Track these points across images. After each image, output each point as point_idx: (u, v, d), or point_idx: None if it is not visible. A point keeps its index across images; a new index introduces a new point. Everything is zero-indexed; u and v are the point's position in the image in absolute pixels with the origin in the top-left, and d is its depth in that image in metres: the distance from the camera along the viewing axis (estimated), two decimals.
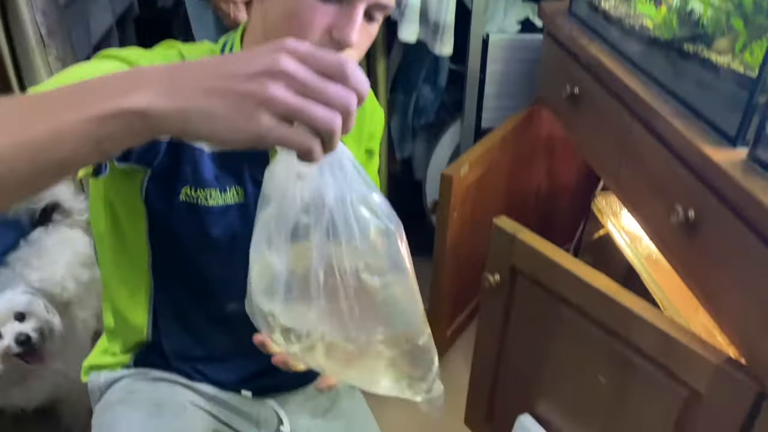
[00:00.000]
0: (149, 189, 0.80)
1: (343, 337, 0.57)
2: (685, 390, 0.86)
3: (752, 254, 0.78)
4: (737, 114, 0.86)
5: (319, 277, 0.56)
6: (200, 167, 0.80)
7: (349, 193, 0.54)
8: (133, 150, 0.73)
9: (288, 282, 0.57)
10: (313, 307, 0.56)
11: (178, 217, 0.82)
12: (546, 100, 1.52)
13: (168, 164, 0.78)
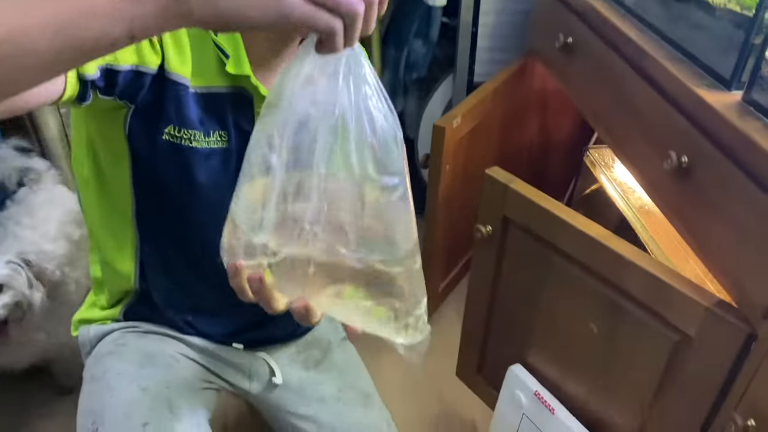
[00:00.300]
0: (132, 127, 0.78)
1: (338, 256, 0.56)
2: (675, 334, 0.87)
3: (745, 197, 0.78)
4: (732, 56, 0.85)
5: (321, 180, 0.54)
6: (184, 107, 0.78)
7: (363, 96, 0.53)
8: (117, 83, 0.71)
9: (283, 191, 0.55)
10: (311, 217, 0.55)
11: (161, 157, 0.80)
12: (538, 52, 1.49)
13: (151, 101, 0.77)
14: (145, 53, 0.72)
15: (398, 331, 0.60)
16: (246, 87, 0.81)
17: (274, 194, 0.56)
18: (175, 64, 0.76)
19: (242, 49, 0.79)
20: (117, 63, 0.70)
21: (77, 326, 1.07)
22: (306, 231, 0.56)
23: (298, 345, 1.15)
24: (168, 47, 0.75)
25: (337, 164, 0.55)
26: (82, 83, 0.67)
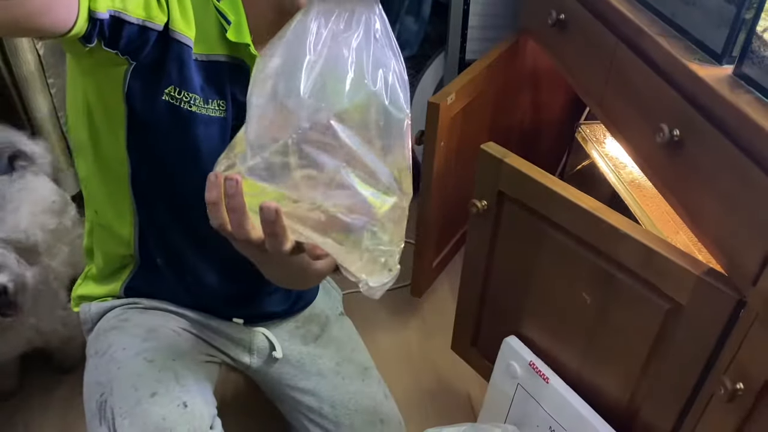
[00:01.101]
0: (131, 85, 0.78)
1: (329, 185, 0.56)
2: (667, 302, 0.89)
3: (736, 168, 0.80)
4: (723, 31, 0.86)
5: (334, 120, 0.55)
6: (187, 68, 0.78)
7: (373, 40, 0.54)
8: (122, 35, 0.71)
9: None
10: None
11: (159, 119, 0.80)
12: (530, 29, 1.50)
13: (154, 59, 0.77)
14: (152, 9, 0.73)
15: (372, 270, 0.61)
16: (245, 58, 0.82)
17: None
18: (180, 24, 0.76)
19: (243, 17, 0.79)
20: (126, 12, 0.70)
21: (77, 302, 1.08)
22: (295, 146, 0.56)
23: (296, 320, 1.17)
24: (174, 7, 0.75)
25: (346, 96, 0.55)
26: (91, 21, 0.67)
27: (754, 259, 0.77)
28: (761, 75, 0.79)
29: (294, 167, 0.56)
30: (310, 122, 0.55)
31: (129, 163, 0.86)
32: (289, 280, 0.86)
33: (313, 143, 0.56)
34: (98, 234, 1.00)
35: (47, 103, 1.81)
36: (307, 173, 0.56)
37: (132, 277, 1.02)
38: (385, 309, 1.74)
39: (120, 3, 0.70)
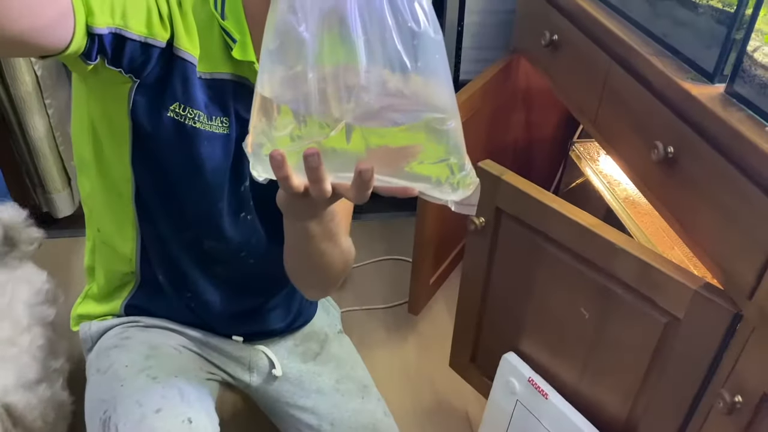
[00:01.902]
0: (137, 101, 0.79)
1: (396, 121, 0.55)
2: (664, 316, 0.91)
3: (730, 183, 0.82)
4: (715, 50, 0.89)
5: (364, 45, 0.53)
6: (191, 85, 0.79)
7: None
8: (124, 53, 0.72)
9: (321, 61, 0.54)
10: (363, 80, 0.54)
11: (164, 135, 0.81)
12: (524, 49, 1.53)
13: (158, 76, 0.78)
14: (155, 26, 0.74)
15: (454, 189, 0.60)
16: (249, 76, 0.83)
17: (312, 66, 0.54)
18: (185, 42, 0.77)
19: (248, 36, 0.80)
20: (127, 29, 0.71)
21: (77, 321, 1.08)
22: (355, 96, 0.54)
23: (295, 338, 1.17)
24: (177, 25, 0.76)
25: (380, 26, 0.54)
26: (90, 37, 0.67)
27: (750, 273, 0.79)
28: (752, 93, 0.81)
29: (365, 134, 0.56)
30: (368, 84, 0.54)
31: (133, 179, 0.87)
32: (324, 263, 0.85)
33: (373, 104, 0.54)
34: (100, 251, 1.00)
35: (44, 123, 1.82)
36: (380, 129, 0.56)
37: (132, 295, 1.02)
38: (383, 326, 1.74)
39: (120, 20, 0.71)
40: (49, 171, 1.90)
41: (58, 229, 2.04)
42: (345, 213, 0.93)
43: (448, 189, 0.60)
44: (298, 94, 0.55)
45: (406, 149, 0.58)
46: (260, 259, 0.98)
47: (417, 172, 0.59)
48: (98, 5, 0.67)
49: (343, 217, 0.90)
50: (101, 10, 0.68)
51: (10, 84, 1.72)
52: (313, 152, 0.56)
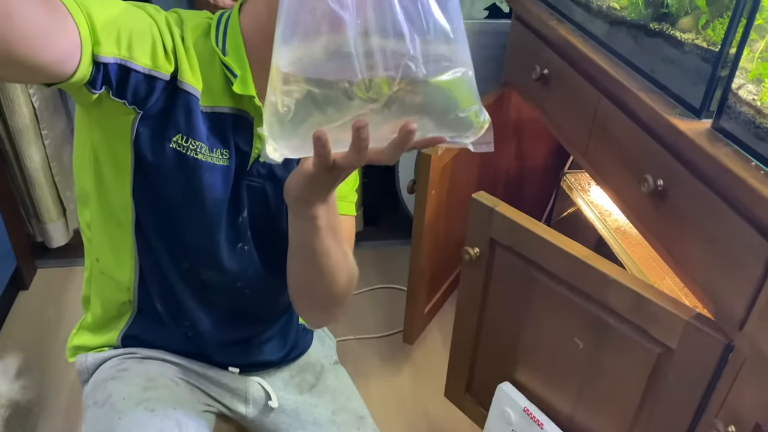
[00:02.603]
0: (140, 132, 0.80)
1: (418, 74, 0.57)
2: (657, 347, 0.92)
3: (718, 215, 0.84)
4: (701, 87, 0.92)
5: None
6: (194, 117, 0.81)
7: None
8: (129, 84, 0.74)
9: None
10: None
11: (165, 166, 0.82)
12: (515, 83, 1.57)
13: (161, 108, 0.79)
14: (159, 59, 0.76)
15: (474, 132, 0.63)
16: (249, 110, 0.85)
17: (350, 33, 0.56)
18: (188, 76, 0.79)
19: (249, 71, 0.82)
20: (132, 61, 0.73)
21: (73, 353, 1.08)
22: (403, 66, 0.57)
23: (291, 369, 1.17)
24: (182, 59, 0.78)
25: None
26: (95, 66, 0.69)
27: (740, 304, 0.81)
28: (738, 129, 0.84)
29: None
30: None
31: (133, 208, 0.88)
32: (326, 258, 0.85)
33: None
34: (97, 281, 1.01)
35: (40, 154, 1.84)
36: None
37: (130, 326, 1.03)
38: (378, 356, 1.74)
39: (126, 51, 0.72)
40: (44, 200, 1.91)
41: (52, 258, 2.04)
42: (348, 232, 0.94)
43: (470, 134, 0.64)
44: (342, 69, 0.57)
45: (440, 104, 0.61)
46: (256, 290, 0.99)
47: (448, 122, 0.62)
48: (104, 35, 0.70)
49: (346, 236, 0.91)
50: (107, 40, 0.70)
51: (8, 116, 1.73)
52: (364, 124, 0.58)
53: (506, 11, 1.89)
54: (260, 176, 0.88)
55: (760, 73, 0.85)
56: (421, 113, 0.60)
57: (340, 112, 0.59)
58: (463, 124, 0.62)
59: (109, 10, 0.72)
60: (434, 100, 0.60)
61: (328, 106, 0.59)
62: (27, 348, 1.74)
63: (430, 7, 0.57)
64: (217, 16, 0.83)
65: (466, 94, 0.61)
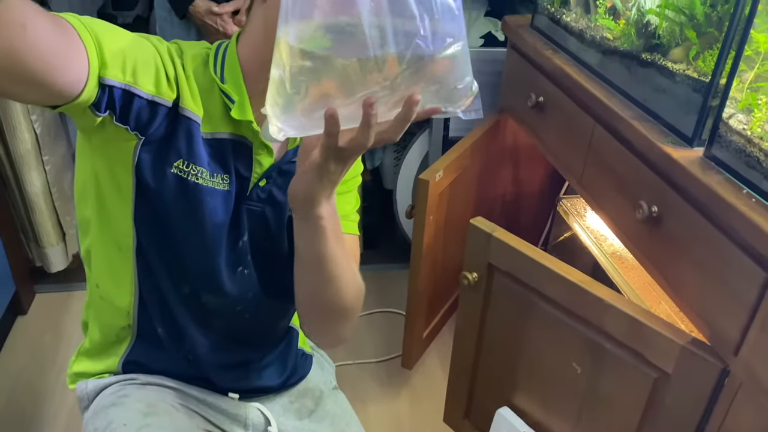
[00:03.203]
0: (142, 158, 0.82)
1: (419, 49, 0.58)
2: (654, 371, 0.93)
3: (712, 242, 0.85)
4: (693, 116, 0.94)
5: None
6: (195, 143, 0.82)
7: None
8: (132, 109, 0.75)
9: None
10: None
11: (167, 191, 0.84)
12: (511, 110, 1.59)
13: (163, 134, 0.81)
14: (162, 85, 0.78)
15: (464, 102, 0.64)
16: (247, 135, 0.87)
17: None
18: (190, 103, 0.81)
19: (246, 97, 0.84)
20: (137, 87, 0.75)
21: (74, 379, 1.08)
22: (413, 45, 0.58)
23: (291, 395, 1.17)
24: (183, 87, 0.80)
25: None
26: (101, 88, 0.71)
27: (735, 329, 0.82)
28: (729, 157, 0.86)
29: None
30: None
31: (135, 234, 0.89)
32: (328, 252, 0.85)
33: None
34: (97, 306, 1.01)
35: (41, 179, 1.85)
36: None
37: (130, 351, 1.03)
38: (376, 381, 1.74)
39: (131, 77, 0.75)
40: (43, 225, 1.91)
41: (51, 283, 2.04)
42: (352, 251, 0.95)
43: (461, 103, 0.65)
44: (355, 46, 0.58)
45: (440, 76, 0.63)
46: (256, 314, 1.00)
47: (447, 94, 0.64)
48: (111, 59, 0.72)
49: (350, 254, 0.92)
50: (113, 65, 0.72)
51: (10, 141, 1.75)
52: (374, 101, 0.60)
53: (502, 40, 1.93)
54: (260, 200, 0.90)
55: (749, 103, 0.87)
56: (425, 88, 0.62)
57: (350, 89, 0.60)
58: (459, 94, 0.64)
59: (115, 38, 0.74)
60: (438, 75, 0.62)
61: (340, 83, 0.60)
62: (25, 373, 1.74)
63: None
64: (215, 47, 0.86)
65: (464, 67, 0.63)
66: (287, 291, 1.00)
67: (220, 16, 1.65)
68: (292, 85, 0.61)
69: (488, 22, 1.98)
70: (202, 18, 1.66)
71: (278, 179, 0.90)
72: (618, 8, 1.17)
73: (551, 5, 1.41)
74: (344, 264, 0.85)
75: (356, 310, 0.92)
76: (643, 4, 1.06)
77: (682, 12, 0.98)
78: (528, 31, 1.49)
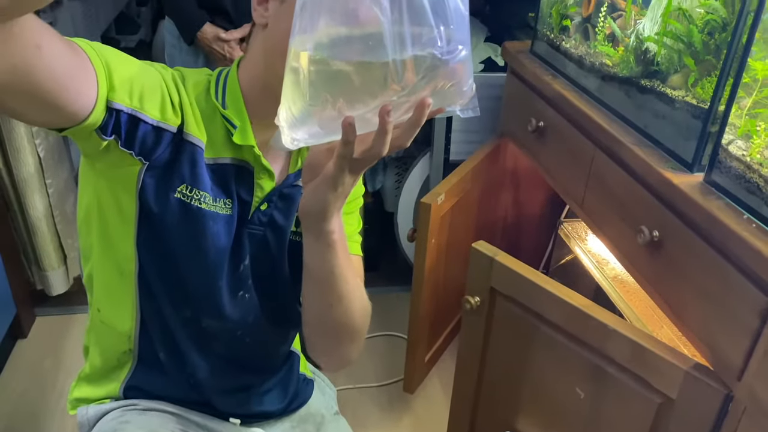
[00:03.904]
0: (145, 183, 0.82)
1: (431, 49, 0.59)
2: (658, 397, 0.93)
3: (713, 267, 0.86)
4: (692, 142, 0.95)
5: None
6: (199, 168, 0.83)
7: None
8: (137, 134, 0.76)
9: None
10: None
11: (170, 215, 0.84)
12: (511, 134, 1.61)
13: (167, 159, 0.82)
14: (167, 111, 0.79)
15: (461, 101, 0.65)
16: (249, 160, 0.88)
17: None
18: (194, 128, 0.82)
19: (248, 122, 0.86)
20: (142, 112, 0.76)
21: (74, 405, 1.07)
22: (431, 56, 0.59)
23: (292, 420, 1.17)
24: (187, 113, 0.82)
25: None
26: (108, 111, 0.72)
27: (738, 354, 0.82)
28: (729, 183, 0.87)
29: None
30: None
31: (137, 258, 0.89)
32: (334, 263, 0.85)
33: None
34: (98, 330, 1.01)
35: (44, 203, 1.86)
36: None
37: (131, 376, 1.03)
38: (378, 406, 1.73)
39: (138, 102, 0.76)
40: (45, 248, 1.92)
41: (51, 306, 2.04)
42: (358, 272, 0.96)
43: (461, 102, 0.66)
44: (375, 55, 0.59)
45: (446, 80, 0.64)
46: (256, 338, 1.00)
47: (452, 96, 0.65)
48: (119, 84, 0.73)
49: (357, 274, 0.92)
50: (121, 89, 0.73)
51: (13, 165, 1.76)
52: (389, 110, 0.61)
53: (501, 65, 1.95)
54: (261, 224, 0.91)
55: (748, 129, 0.89)
56: (436, 92, 0.63)
57: (368, 98, 0.61)
58: (464, 95, 0.65)
59: (124, 64, 0.75)
60: (451, 80, 0.63)
61: (358, 92, 0.61)
62: (25, 398, 1.73)
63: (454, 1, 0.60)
64: (216, 73, 0.87)
65: (469, 70, 0.64)
66: (287, 315, 1.00)
67: (227, 43, 1.68)
68: (311, 96, 0.61)
69: (488, 47, 2.00)
70: (210, 44, 1.69)
71: (279, 203, 0.91)
72: (617, 35, 1.18)
73: (550, 32, 1.43)
74: (353, 282, 0.85)
75: (363, 331, 0.92)
76: (642, 31, 1.08)
77: (680, 39, 1.00)
78: (527, 56, 1.50)
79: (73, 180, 2.06)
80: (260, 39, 0.83)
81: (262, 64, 0.82)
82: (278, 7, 0.79)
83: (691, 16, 0.98)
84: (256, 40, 0.85)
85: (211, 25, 1.68)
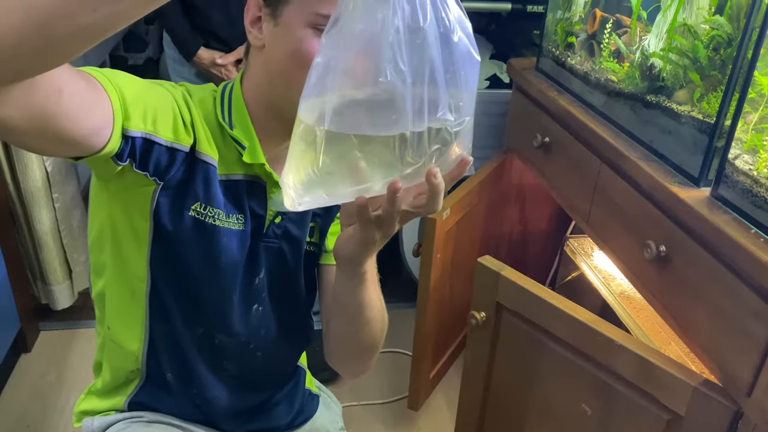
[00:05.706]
0: (159, 203, 0.83)
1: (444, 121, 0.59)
2: (666, 413, 0.92)
3: (721, 282, 0.85)
4: (699, 157, 0.95)
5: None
6: (212, 186, 0.83)
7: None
8: (152, 157, 0.77)
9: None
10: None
11: (184, 234, 0.84)
12: (517, 150, 1.61)
13: (181, 178, 0.82)
14: (180, 132, 0.79)
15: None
16: (261, 175, 0.88)
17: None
18: (206, 147, 0.83)
19: (256, 141, 0.86)
20: (156, 135, 0.76)
21: (80, 418, 1.07)
22: (443, 128, 0.60)
23: None
24: (199, 132, 0.82)
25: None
26: (124, 139, 0.72)
27: (747, 370, 0.81)
28: (736, 197, 0.87)
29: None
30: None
31: (149, 278, 0.89)
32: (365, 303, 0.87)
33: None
34: (109, 348, 1.01)
35: (50, 217, 1.86)
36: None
37: (137, 392, 1.02)
38: (383, 423, 1.72)
39: (151, 126, 0.76)
40: (51, 263, 1.92)
41: (55, 321, 2.04)
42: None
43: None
44: (391, 129, 0.59)
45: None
46: (267, 352, 0.99)
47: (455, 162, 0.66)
48: (133, 110, 0.73)
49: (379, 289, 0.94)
50: (135, 115, 0.74)
51: (21, 179, 1.77)
52: (399, 186, 0.61)
53: (506, 81, 1.96)
54: (276, 237, 0.91)
55: (754, 144, 0.89)
56: (440, 162, 0.63)
57: (379, 170, 0.61)
58: (462, 162, 0.66)
59: (134, 87, 0.76)
60: (456, 150, 0.64)
61: (370, 165, 0.60)
62: (28, 412, 1.72)
63: (466, 74, 0.61)
64: (221, 89, 0.88)
65: (471, 138, 0.66)
66: (299, 326, 1.00)
67: (224, 66, 1.71)
68: (321, 169, 0.60)
69: (493, 64, 2.01)
70: (207, 69, 1.71)
71: (293, 215, 0.91)
72: (622, 51, 1.19)
73: (556, 48, 1.44)
74: (378, 306, 0.89)
75: (381, 343, 0.96)
76: (647, 47, 1.09)
77: (686, 55, 1.00)
78: (533, 73, 1.51)
79: (80, 195, 2.07)
80: (260, 60, 0.83)
81: (266, 84, 0.83)
82: (272, 29, 0.79)
83: (697, 32, 0.98)
84: (255, 60, 0.85)
85: (206, 49, 1.71)
